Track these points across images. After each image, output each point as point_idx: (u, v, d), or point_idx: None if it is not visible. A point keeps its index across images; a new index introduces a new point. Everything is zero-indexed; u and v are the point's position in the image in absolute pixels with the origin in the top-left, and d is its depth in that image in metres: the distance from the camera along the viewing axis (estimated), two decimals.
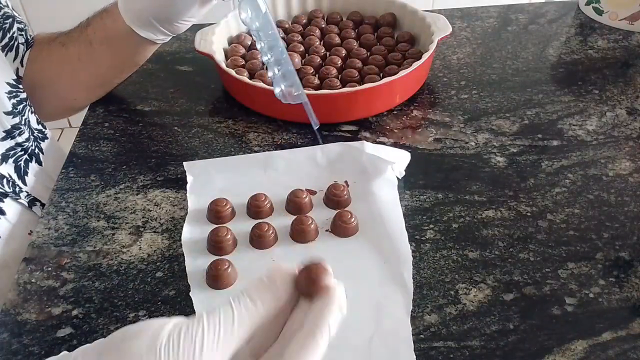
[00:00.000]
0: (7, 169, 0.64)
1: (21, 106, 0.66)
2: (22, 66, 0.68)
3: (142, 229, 0.56)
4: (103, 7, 0.66)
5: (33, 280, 0.51)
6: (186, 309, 0.48)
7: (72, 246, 0.55)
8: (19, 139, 0.66)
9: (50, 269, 0.52)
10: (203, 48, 0.70)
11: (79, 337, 0.47)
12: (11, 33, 0.66)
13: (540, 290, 0.49)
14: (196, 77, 0.77)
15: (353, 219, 0.53)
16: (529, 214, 0.56)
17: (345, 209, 0.55)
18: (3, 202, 0.61)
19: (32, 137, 0.69)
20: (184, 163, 0.61)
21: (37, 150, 0.69)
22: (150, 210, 0.58)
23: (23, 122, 0.67)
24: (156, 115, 0.71)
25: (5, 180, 0.62)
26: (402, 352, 0.44)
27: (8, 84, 0.65)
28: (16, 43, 0.67)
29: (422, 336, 0.46)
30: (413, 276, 0.49)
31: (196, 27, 0.72)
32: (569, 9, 0.90)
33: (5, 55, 0.66)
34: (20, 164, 0.66)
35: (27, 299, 0.50)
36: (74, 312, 0.48)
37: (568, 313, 0.47)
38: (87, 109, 0.73)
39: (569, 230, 0.54)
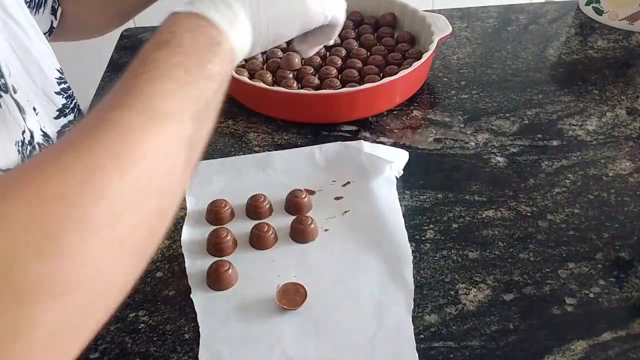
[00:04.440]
0: None
1: (70, 91, 0.67)
2: (56, 19, 0.67)
3: None
4: None
5: None
6: (186, 309, 0.48)
7: None
8: (70, 117, 0.66)
9: None
10: None
11: None
12: None
13: (540, 290, 0.49)
14: None
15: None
16: (529, 214, 0.56)
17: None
18: None
19: (75, 118, 0.69)
20: None
21: None
22: None
23: (72, 104, 0.67)
24: None
25: None
26: (405, 350, 0.44)
27: (58, 70, 0.65)
28: None
29: (422, 336, 0.46)
30: (413, 276, 0.49)
31: None
32: (569, 9, 0.90)
33: (36, 12, 0.64)
34: None
35: None
36: None
37: (568, 313, 0.47)
38: (87, 108, 0.73)
39: (569, 230, 0.54)
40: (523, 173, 0.60)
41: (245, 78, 0.67)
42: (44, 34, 0.68)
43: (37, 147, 0.59)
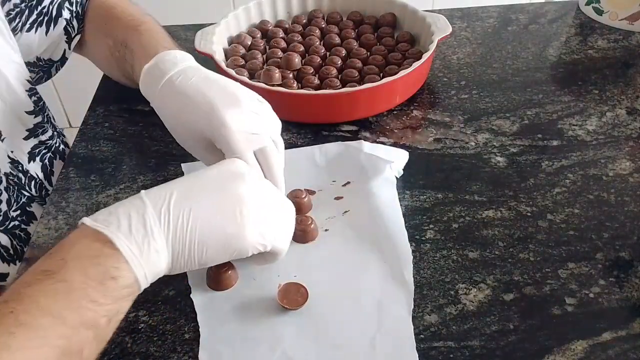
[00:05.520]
0: (35, 168, 0.65)
1: (41, 103, 0.66)
2: (71, 43, 0.67)
3: None
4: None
5: None
6: (186, 309, 0.48)
7: None
8: (42, 137, 0.66)
9: None
10: (203, 48, 0.70)
11: None
12: (39, 8, 0.64)
13: (540, 290, 0.49)
14: None
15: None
16: (529, 214, 0.56)
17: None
18: (31, 207, 0.61)
19: (56, 133, 0.69)
20: (182, 165, 0.61)
21: (62, 147, 0.70)
22: None
23: (46, 120, 0.66)
24: (156, 115, 0.71)
25: (33, 183, 0.63)
26: (405, 350, 0.44)
27: (28, 81, 0.63)
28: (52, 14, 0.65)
29: (422, 336, 0.46)
30: (413, 276, 0.49)
31: (196, 27, 0.72)
32: (569, 9, 0.90)
33: (35, 31, 0.64)
34: (46, 162, 0.67)
35: None
36: None
37: (568, 313, 0.47)
38: (87, 108, 0.73)
39: (569, 230, 0.54)
40: (523, 173, 0.60)
41: (245, 78, 0.67)
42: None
43: (3, 178, 0.58)
